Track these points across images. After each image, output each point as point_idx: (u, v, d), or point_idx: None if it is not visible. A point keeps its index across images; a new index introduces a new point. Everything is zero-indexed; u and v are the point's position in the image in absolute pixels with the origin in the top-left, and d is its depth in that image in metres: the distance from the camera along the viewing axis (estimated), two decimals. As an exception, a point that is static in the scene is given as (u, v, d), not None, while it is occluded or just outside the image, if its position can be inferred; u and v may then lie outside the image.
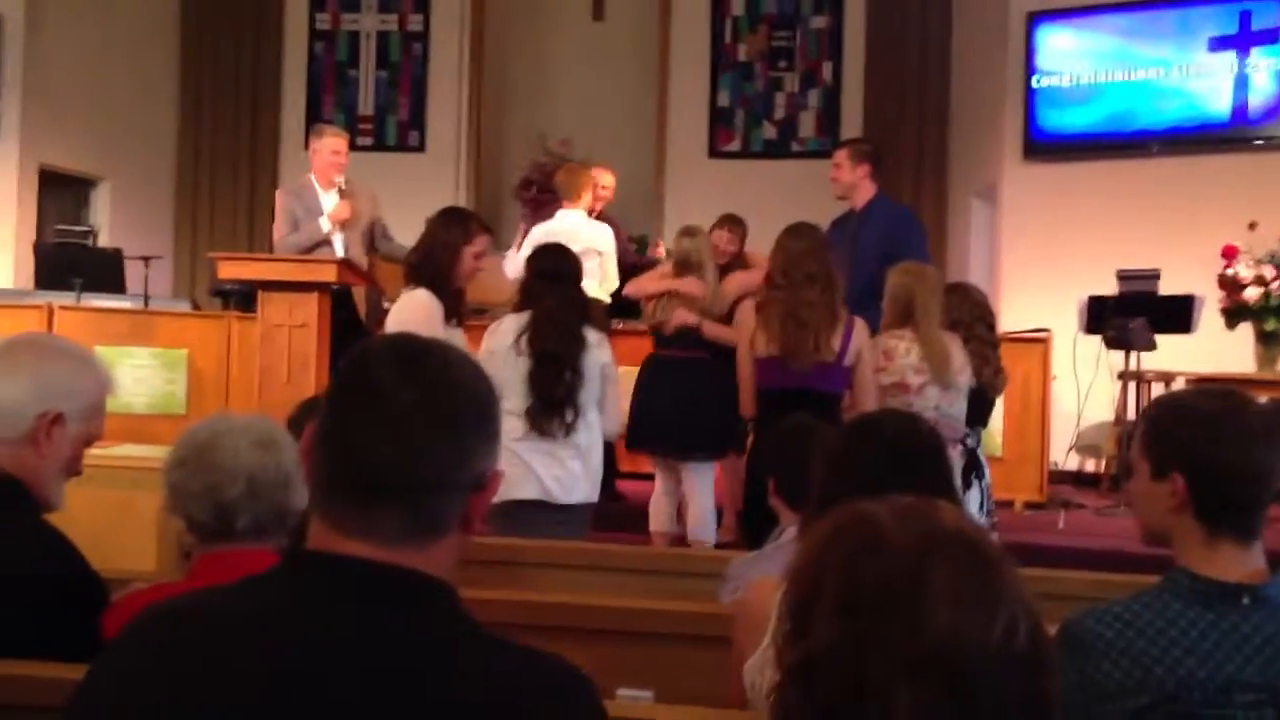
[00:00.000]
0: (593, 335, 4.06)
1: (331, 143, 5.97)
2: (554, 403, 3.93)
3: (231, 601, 1.17)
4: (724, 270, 5.26)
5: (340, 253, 5.70)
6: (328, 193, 5.87)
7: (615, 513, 5.30)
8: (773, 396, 3.97)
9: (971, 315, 4.36)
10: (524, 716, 1.10)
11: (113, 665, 1.17)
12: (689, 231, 5.07)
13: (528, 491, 3.92)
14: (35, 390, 1.92)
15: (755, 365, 4.03)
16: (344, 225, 5.80)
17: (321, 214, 5.81)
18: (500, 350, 3.95)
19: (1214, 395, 1.83)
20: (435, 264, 4.09)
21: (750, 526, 3.98)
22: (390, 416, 1.15)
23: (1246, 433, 1.70)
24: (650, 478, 5.15)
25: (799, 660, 1.00)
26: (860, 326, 4.11)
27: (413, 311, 4.04)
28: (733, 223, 5.67)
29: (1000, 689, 0.94)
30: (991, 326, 4.43)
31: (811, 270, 4.00)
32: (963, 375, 4.05)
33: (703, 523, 4.82)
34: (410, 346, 1.22)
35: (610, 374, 4.11)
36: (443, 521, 1.18)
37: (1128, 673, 1.64)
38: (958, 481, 4.04)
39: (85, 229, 8.58)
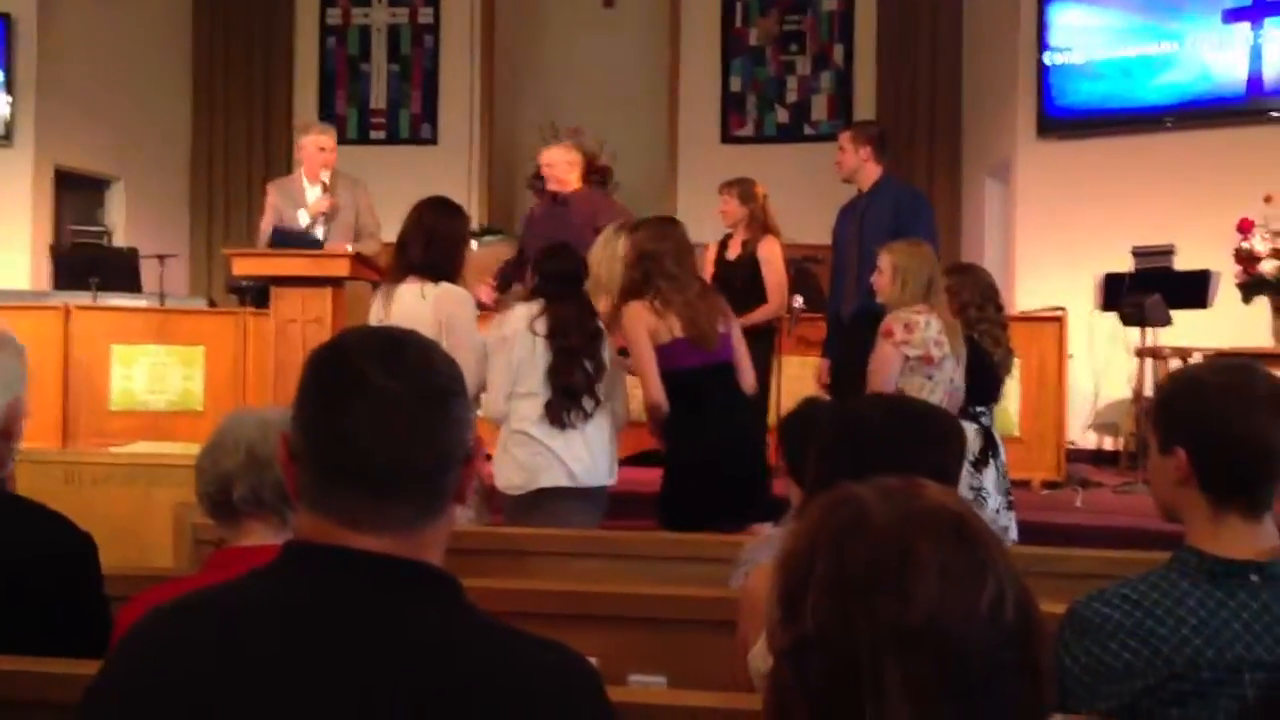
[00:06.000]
0: (600, 325, 4.11)
1: (317, 139, 5.98)
2: (575, 393, 3.96)
3: (241, 598, 1.19)
4: (747, 237, 5.40)
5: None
6: (313, 186, 5.88)
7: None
8: (689, 376, 4.01)
9: (983, 296, 4.38)
10: (531, 703, 1.12)
11: (122, 665, 1.19)
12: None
13: (556, 479, 3.95)
14: None
15: (662, 353, 4.02)
16: (327, 218, 5.79)
17: (302, 207, 5.81)
18: (515, 334, 3.98)
19: (1223, 368, 1.81)
20: (450, 257, 4.09)
21: (667, 513, 4.01)
22: (392, 409, 1.18)
23: (1251, 404, 1.66)
24: (642, 461, 5.16)
25: (791, 643, 1.01)
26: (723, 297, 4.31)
27: (470, 307, 4.06)
28: (724, 188, 5.65)
29: (990, 661, 0.95)
30: (1000, 307, 4.45)
31: (694, 261, 4.24)
32: (963, 349, 4.08)
33: None
34: (387, 338, 1.25)
35: (617, 362, 4.15)
36: (447, 499, 1.24)
37: (1136, 653, 1.63)
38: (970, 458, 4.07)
39: (100, 229, 8.65)
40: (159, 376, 6.85)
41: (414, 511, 1.20)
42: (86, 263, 7.47)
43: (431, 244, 4.07)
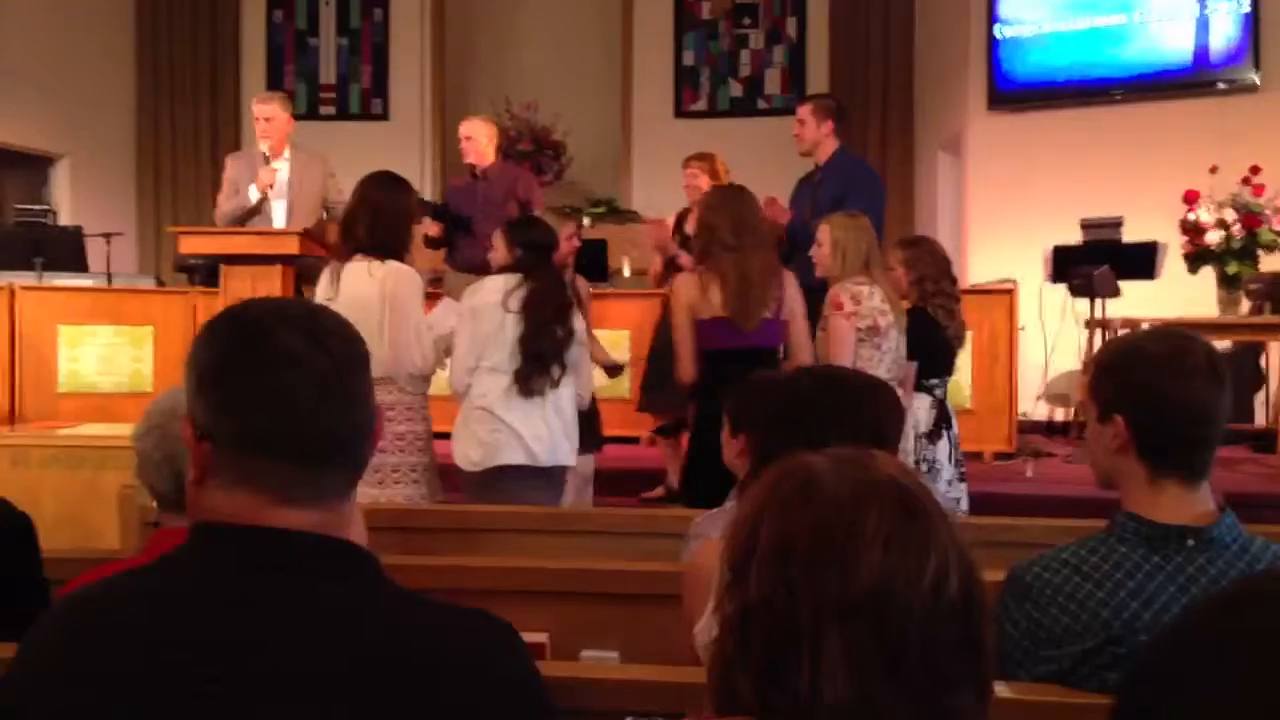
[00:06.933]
0: (570, 298, 4.12)
1: (258, 108, 5.77)
2: (544, 359, 3.93)
3: (165, 583, 1.17)
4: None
5: (280, 223, 5.56)
6: (275, 160, 5.70)
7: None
8: (719, 358, 3.94)
9: (938, 270, 4.40)
10: (453, 669, 1.13)
11: (30, 653, 1.16)
12: None
13: (515, 456, 3.92)
14: None
15: (699, 329, 3.96)
16: (295, 192, 5.63)
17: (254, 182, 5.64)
18: (485, 307, 3.95)
19: (1160, 336, 1.83)
20: (396, 233, 4.03)
21: (691, 492, 3.98)
22: (324, 378, 1.17)
23: (1189, 372, 1.68)
24: (622, 440, 5.15)
25: (736, 609, 1.01)
26: (790, 278, 4.08)
27: (416, 286, 4.00)
28: (691, 161, 5.66)
29: (931, 635, 0.95)
30: (953, 280, 4.48)
31: (761, 230, 4.04)
32: (904, 319, 4.10)
33: None
34: (302, 310, 1.25)
35: (584, 339, 4.15)
36: (362, 470, 1.25)
37: (1074, 616, 1.65)
38: (918, 428, 4.10)
39: (45, 208, 8.47)
40: (108, 358, 6.74)
41: (345, 481, 1.21)
42: (31, 242, 7.31)
43: (377, 221, 3.99)
